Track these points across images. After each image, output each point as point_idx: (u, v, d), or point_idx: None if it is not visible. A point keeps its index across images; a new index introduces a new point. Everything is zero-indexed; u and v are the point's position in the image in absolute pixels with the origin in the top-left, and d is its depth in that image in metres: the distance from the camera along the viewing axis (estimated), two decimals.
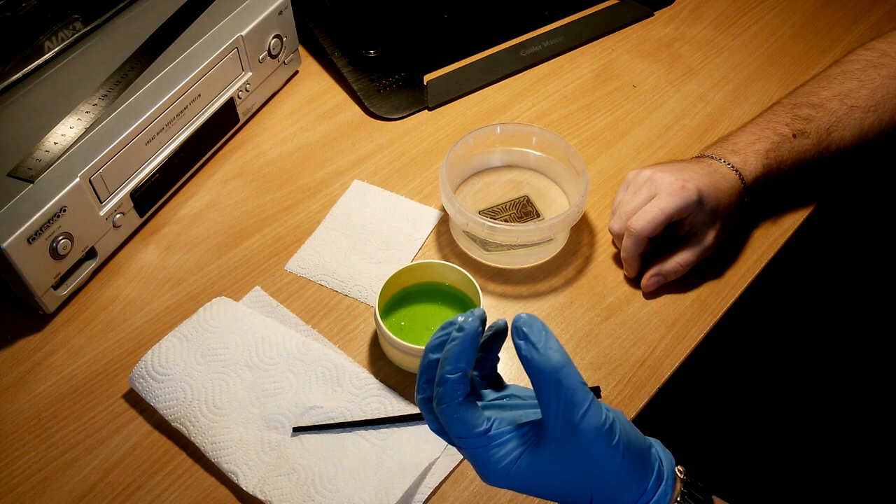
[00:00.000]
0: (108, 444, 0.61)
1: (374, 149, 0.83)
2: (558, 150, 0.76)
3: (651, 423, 0.47)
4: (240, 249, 0.74)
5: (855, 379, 1.19)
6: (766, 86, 0.89)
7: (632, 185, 0.70)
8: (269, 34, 0.82)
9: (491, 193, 0.78)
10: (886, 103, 0.73)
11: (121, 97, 0.70)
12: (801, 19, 0.97)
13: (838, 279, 1.23)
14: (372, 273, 0.71)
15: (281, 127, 0.85)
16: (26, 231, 0.61)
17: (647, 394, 0.64)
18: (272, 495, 0.56)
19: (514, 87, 0.90)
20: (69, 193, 0.63)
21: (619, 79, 0.90)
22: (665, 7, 1.00)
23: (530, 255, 0.73)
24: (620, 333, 0.68)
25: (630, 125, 0.85)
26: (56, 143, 0.66)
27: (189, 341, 0.64)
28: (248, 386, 0.62)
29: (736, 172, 0.69)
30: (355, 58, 0.90)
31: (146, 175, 0.72)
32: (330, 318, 0.69)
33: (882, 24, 0.96)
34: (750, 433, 1.17)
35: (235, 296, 0.70)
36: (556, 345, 0.40)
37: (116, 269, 0.73)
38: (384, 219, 0.76)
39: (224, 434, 0.59)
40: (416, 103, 0.87)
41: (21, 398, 0.64)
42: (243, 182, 0.80)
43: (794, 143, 0.71)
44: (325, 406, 0.61)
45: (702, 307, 0.69)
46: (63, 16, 0.76)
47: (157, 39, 0.77)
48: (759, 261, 0.73)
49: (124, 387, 0.64)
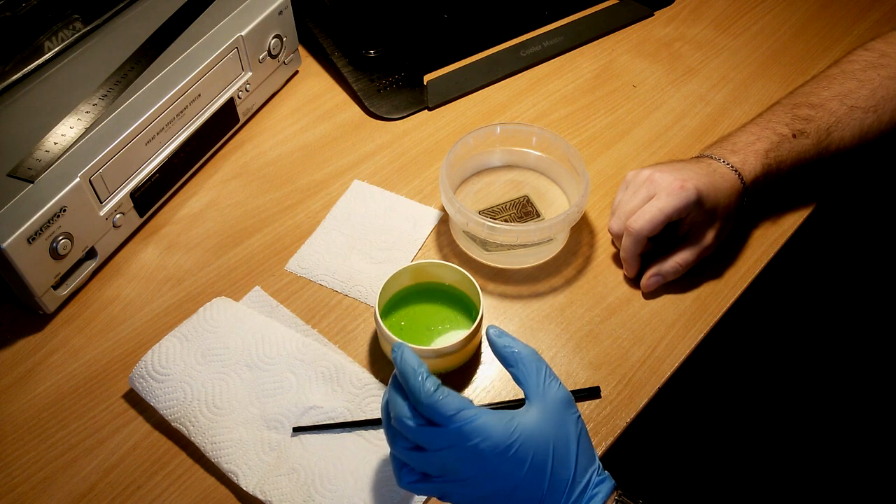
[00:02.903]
0: (107, 445, 0.61)
1: (374, 149, 0.83)
2: (558, 150, 0.76)
3: (651, 423, 0.47)
4: (240, 249, 0.74)
5: (855, 379, 1.19)
6: (766, 86, 0.89)
7: (631, 185, 0.70)
8: (269, 34, 0.82)
9: (491, 193, 0.78)
10: (886, 104, 0.73)
11: (121, 97, 0.70)
12: (801, 19, 0.97)
13: (838, 279, 1.23)
14: (372, 273, 0.71)
15: (281, 127, 0.85)
16: (26, 231, 0.61)
17: (647, 394, 0.64)
18: (272, 495, 0.56)
19: (514, 87, 0.90)
20: (69, 193, 0.63)
21: (619, 79, 0.90)
22: (665, 7, 1.00)
23: (530, 255, 0.73)
24: (620, 333, 0.68)
25: (630, 125, 0.85)
26: (56, 143, 0.66)
27: (189, 341, 0.64)
28: (248, 386, 0.62)
29: (735, 172, 0.69)
30: (355, 58, 0.90)
31: (146, 175, 0.72)
32: (330, 318, 0.69)
33: (882, 24, 0.96)
34: (750, 433, 1.17)
35: (235, 296, 0.70)
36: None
37: (116, 269, 0.73)
38: (384, 219, 0.76)
39: (224, 434, 0.59)
40: (416, 103, 0.87)
41: (21, 398, 0.64)
42: (243, 182, 0.80)
43: (794, 144, 0.71)
44: (324, 406, 0.61)
45: (702, 307, 0.69)
46: (63, 16, 0.76)
47: (157, 39, 0.77)
48: (759, 261, 0.73)
49: (124, 387, 0.64)
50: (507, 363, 0.51)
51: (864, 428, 1.15)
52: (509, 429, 0.47)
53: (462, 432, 0.46)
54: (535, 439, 0.47)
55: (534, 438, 0.47)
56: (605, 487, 0.49)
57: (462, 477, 0.47)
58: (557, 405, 0.49)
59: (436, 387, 0.47)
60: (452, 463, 0.47)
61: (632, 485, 0.50)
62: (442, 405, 0.47)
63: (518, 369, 0.50)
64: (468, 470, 0.47)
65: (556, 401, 0.49)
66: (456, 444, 0.47)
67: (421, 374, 0.48)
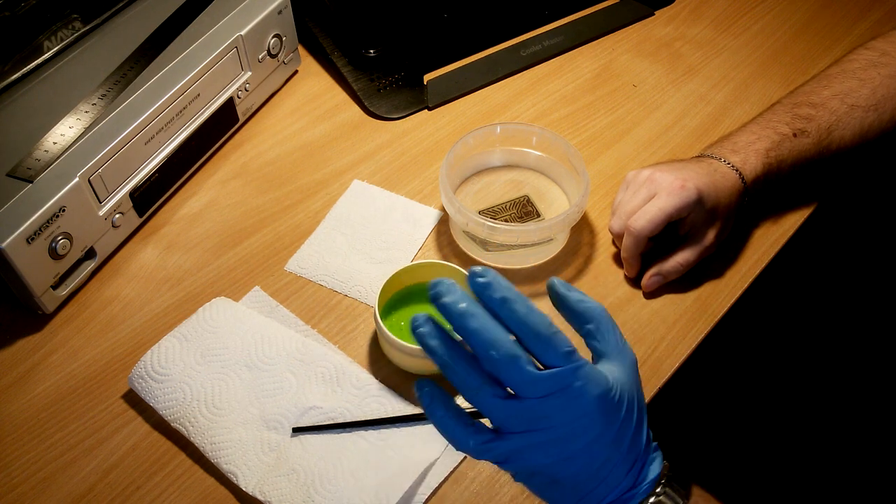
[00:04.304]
0: (107, 445, 0.61)
1: (374, 148, 0.83)
2: (558, 149, 0.76)
3: (651, 423, 0.47)
4: (239, 249, 0.74)
5: (855, 379, 1.19)
6: (767, 85, 0.89)
7: (631, 185, 0.70)
8: (269, 34, 0.82)
9: (491, 193, 0.78)
10: (886, 102, 0.73)
11: (120, 97, 0.70)
12: (801, 19, 0.97)
13: (838, 279, 1.23)
14: (372, 273, 0.71)
15: (281, 127, 0.85)
16: (25, 231, 0.61)
17: (648, 394, 0.63)
18: (272, 496, 0.56)
19: (514, 87, 0.90)
20: (68, 193, 0.63)
21: (619, 78, 0.90)
22: (665, 6, 1.00)
23: (530, 255, 0.73)
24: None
25: (630, 125, 0.85)
26: (55, 143, 0.66)
27: (188, 341, 0.64)
28: (247, 386, 0.62)
29: (736, 172, 0.69)
30: (355, 57, 0.90)
31: (145, 175, 0.72)
32: (330, 318, 0.69)
33: (882, 24, 0.96)
34: (750, 433, 1.17)
35: (235, 296, 0.70)
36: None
37: (116, 269, 0.73)
38: (384, 219, 0.76)
39: (223, 434, 0.59)
40: (416, 103, 0.87)
41: (20, 398, 0.64)
42: (243, 182, 0.80)
43: (795, 143, 0.71)
44: (324, 406, 0.61)
45: (702, 307, 0.69)
46: (62, 15, 0.76)
47: (156, 39, 0.77)
48: (759, 261, 0.73)
49: (124, 387, 0.64)
50: (581, 320, 0.45)
51: (864, 428, 1.15)
52: (610, 381, 0.43)
53: (577, 374, 0.41)
54: (628, 392, 0.44)
55: (627, 394, 0.43)
56: (659, 456, 0.46)
57: (558, 428, 0.41)
58: (634, 365, 0.45)
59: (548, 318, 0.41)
60: (553, 411, 0.41)
61: None
62: (558, 340, 0.41)
63: (595, 325, 0.45)
64: (569, 418, 0.41)
65: (633, 361, 0.45)
66: (568, 387, 0.41)
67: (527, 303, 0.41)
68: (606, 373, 0.43)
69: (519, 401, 0.41)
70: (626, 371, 0.44)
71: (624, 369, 0.44)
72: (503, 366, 0.40)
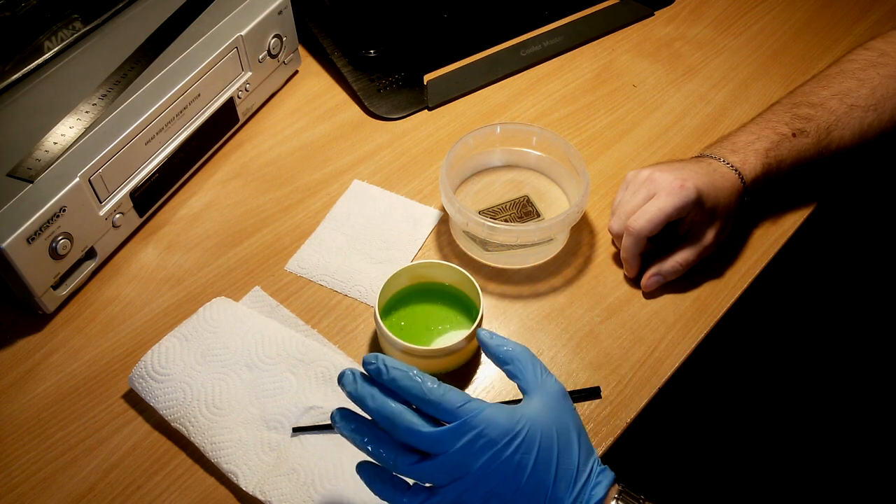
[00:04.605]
0: (107, 445, 0.61)
1: (374, 149, 0.83)
2: (558, 150, 0.76)
3: (651, 423, 0.47)
4: (239, 249, 0.74)
5: (855, 379, 1.19)
6: (767, 86, 0.89)
7: (631, 185, 0.70)
8: (269, 34, 0.82)
9: (491, 193, 0.78)
10: (886, 102, 0.73)
11: (120, 97, 0.70)
12: (801, 19, 0.97)
13: (838, 279, 1.23)
14: (372, 273, 0.71)
15: (281, 127, 0.85)
16: (26, 231, 0.61)
17: (648, 394, 0.64)
18: (272, 495, 0.56)
19: (514, 87, 0.90)
20: (69, 193, 0.63)
21: (619, 79, 0.90)
22: (665, 7, 1.00)
23: (530, 255, 0.73)
24: (620, 333, 0.68)
25: (630, 125, 0.85)
26: (56, 143, 0.66)
27: (189, 341, 0.64)
28: (247, 386, 0.62)
29: (735, 172, 0.69)
30: (355, 58, 0.90)
31: (146, 175, 0.72)
32: (330, 318, 0.69)
33: (882, 24, 0.96)
34: (750, 433, 1.17)
35: (235, 296, 0.70)
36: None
37: (116, 269, 0.73)
38: (384, 219, 0.76)
39: (224, 434, 0.59)
40: (416, 103, 0.87)
41: (21, 398, 0.64)
42: (243, 182, 0.80)
43: (794, 143, 0.71)
44: (324, 406, 0.61)
45: (702, 307, 0.69)
46: (63, 15, 0.76)
47: (156, 39, 0.77)
48: (759, 261, 0.73)
49: (124, 387, 0.64)
50: (501, 362, 0.51)
51: (864, 427, 1.15)
52: (514, 417, 0.47)
53: (473, 424, 0.46)
54: (541, 427, 0.47)
55: (538, 426, 0.47)
56: (607, 478, 0.49)
57: (474, 473, 0.46)
58: (556, 396, 0.49)
59: (436, 383, 0.47)
60: (464, 459, 0.46)
61: (632, 484, 0.50)
62: (448, 399, 0.46)
63: (514, 366, 0.51)
64: (479, 463, 0.46)
65: (554, 392, 0.50)
66: (468, 438, 0.46)
67: (416, 375, 0.47)
68: (521, 413, 0.48)
69: (432, 459, 0.46)
70: (547, 402, 0.49)
71: (543, 404, 0.49)
72: (405, 434, 0.46)
